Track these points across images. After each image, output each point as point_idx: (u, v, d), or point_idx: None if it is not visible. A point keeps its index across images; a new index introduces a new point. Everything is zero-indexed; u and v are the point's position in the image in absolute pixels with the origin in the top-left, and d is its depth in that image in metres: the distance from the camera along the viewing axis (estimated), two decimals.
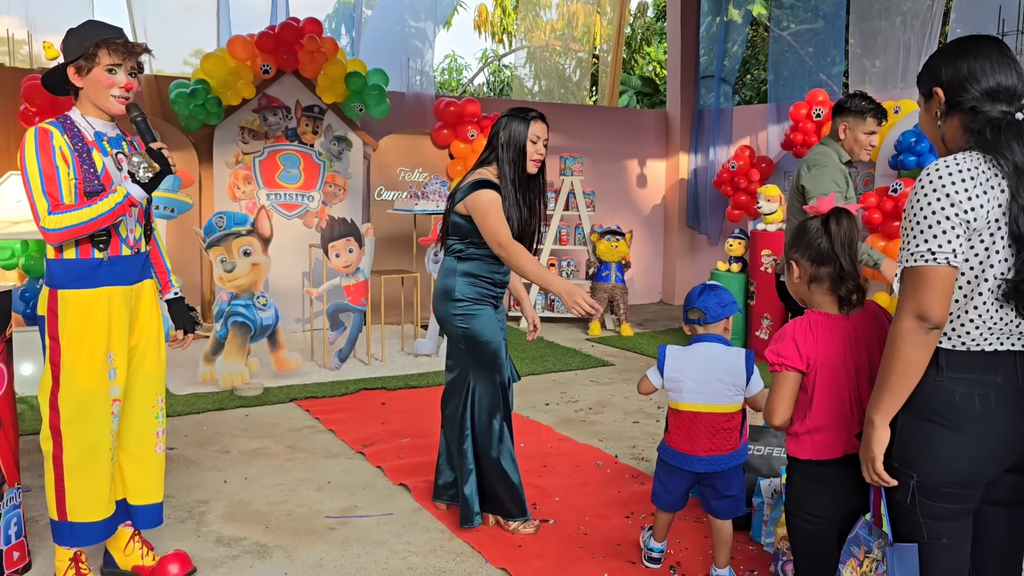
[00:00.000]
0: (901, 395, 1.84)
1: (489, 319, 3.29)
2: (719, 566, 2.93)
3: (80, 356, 2.60)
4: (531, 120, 3.27)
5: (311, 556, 3.15)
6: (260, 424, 4.83)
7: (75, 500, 2.68)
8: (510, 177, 3.25)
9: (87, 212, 2.51)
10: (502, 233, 3.15)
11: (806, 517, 2.22)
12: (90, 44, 2.54)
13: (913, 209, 1.81)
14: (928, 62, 1.97)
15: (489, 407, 3.33)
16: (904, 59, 7.65)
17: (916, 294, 1.78)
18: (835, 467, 2.15)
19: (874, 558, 2.12)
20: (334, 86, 7.13)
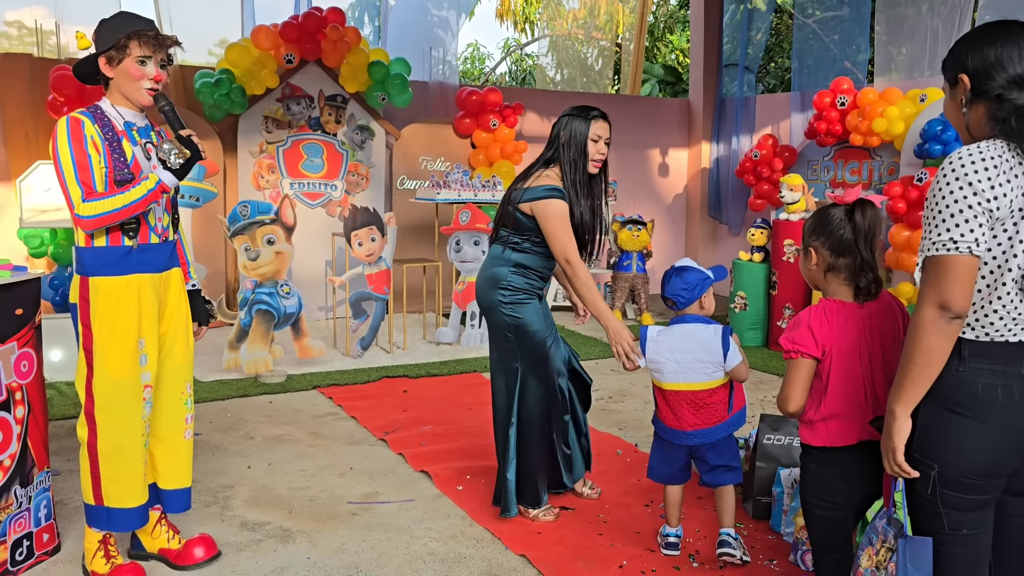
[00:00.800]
0: (923, 386, 1.83)
1: (536, 310, 3.31)
2: (724, 526, 3.03)
3: (112, 343, 2.65)
4: (592, 119, 3.25)
5: (333, 541, 3.20)
6: (283, 411, 4.90)
7: (110, 485, 2.74)
8: (571, 177, 3.25)
9: (120, 199, 2.55)
10: (570, 250, 3.20)
11: (821, 504, 2.25)
12: (122, 35, 2.58)
13: (935, 198, 1.79)
14: (954, 47, 1.93)
15: (538, 396, 3.33)
16: (931, 46, 7.54)
17: (938, 284, 1.77)
18: (849, 453, 2.17)
19: (889, 547, 2.12)
20: (357, 75, 7.16)
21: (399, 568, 2.99)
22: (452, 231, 6.53)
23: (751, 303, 6.86)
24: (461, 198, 6.55)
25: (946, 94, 1.99)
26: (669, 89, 14.51)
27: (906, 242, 6.39)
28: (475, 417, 4.80)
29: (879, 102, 7.05)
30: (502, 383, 3.38)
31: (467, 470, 3.91)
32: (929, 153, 6.40)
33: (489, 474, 3.85)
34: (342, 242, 6.50)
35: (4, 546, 2.81)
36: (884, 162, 7.45)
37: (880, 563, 2.17)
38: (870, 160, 7.58)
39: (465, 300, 6.62)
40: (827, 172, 8.00)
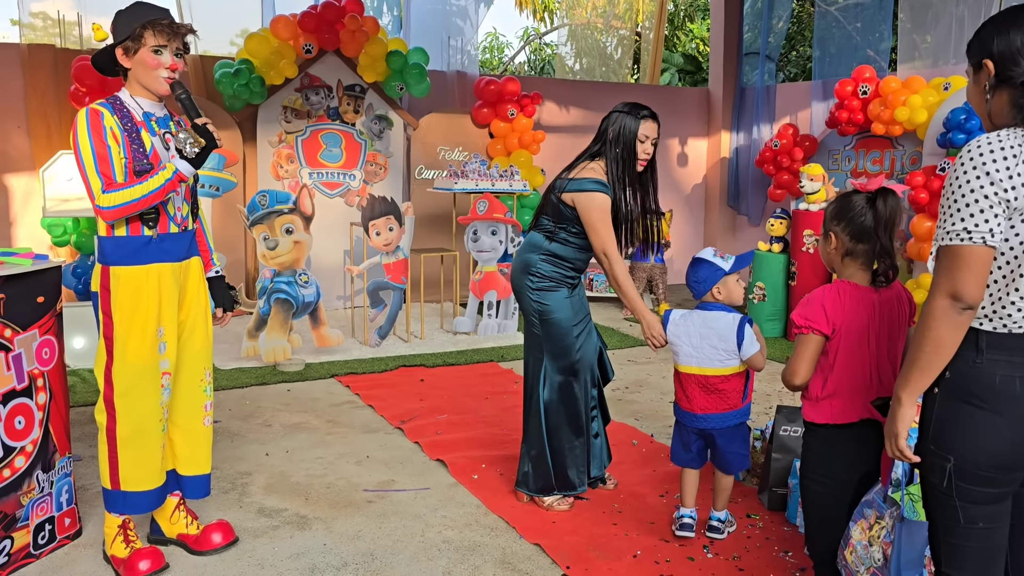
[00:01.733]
0: (930, 374, 1.82)
1: (563, 299, 3.32)
2: (716, 509, 3.13)
3: (132, 331, 2.69)
4: (642, 118, 3.25)
5: (349, 528, 3.22)
6: (301, 399, 4.93)
7: (128, 470, 2.78)
8: (617, 174, 3.26)
9: (140, 189, 2.58)
10: (609, 244, 3.23)
11: (821, 481, 2.30)
12: (137, 25, 2.59)
13: (952, 186, 1.76)
14: (980, 31, 1.89)
15: (556, 386, 3.35)
16: (956, 34, 7.42)
17: (951, 273, 1.74)
18: (850, 431, 2.21)
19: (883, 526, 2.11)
20: (375, 65, 7.17)
21: (414, 556, 3.01)
22: (469, 221, 6.53)
23: (770, 294, 6.82)
24: (479, 188, 6.55)
25: (969, 79, 1.95)
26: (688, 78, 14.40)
27: (928, 232, 6.31)
28: (491, 406, 4.81)
29: (902, 90, 6.95)
30: (529, 367, 3.44)
31: (483, 459, 3.92)
32: (952, 143, 6.31)
33: (504, 463, 3.87)
34: (360, 231, 6.52)
35: (27, 530, 2.86)
36: (906, 151, 7.36)
37: (873, 538, 2.16)
38: (892, 149, 7.49)
39: (482, 290, 6.63)
40: (848, 162, 7.91)
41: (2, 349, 2.73)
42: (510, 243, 6.64)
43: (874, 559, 2.33)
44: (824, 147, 8.17)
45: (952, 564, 1.92)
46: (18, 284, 2.78)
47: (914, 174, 6.43)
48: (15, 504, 2.81)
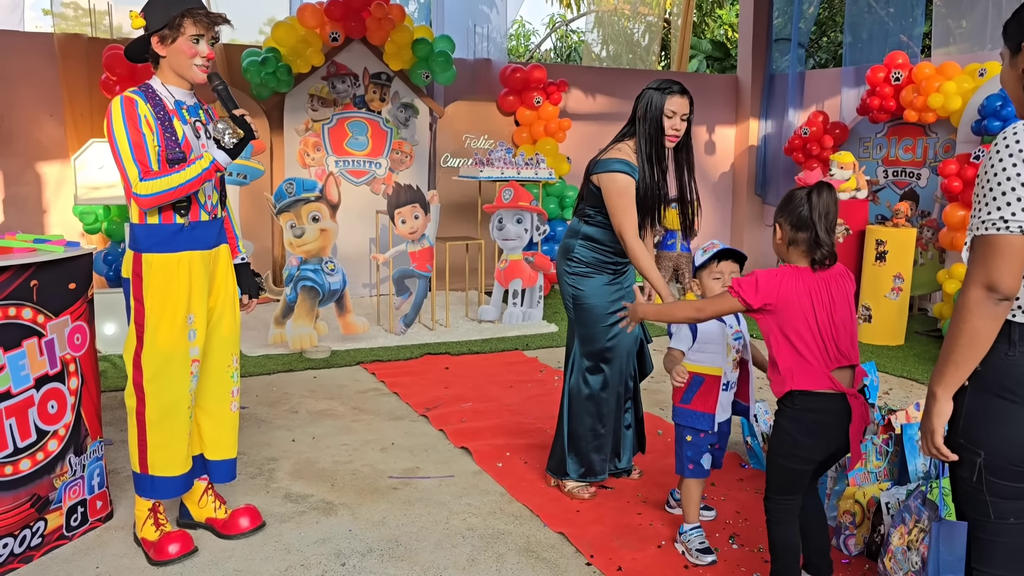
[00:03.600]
0: (966, 368, 1.78)
1: (600, 285, 3.30)
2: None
3: (163, 317, 2.72)
4: (669, 93, 3.18)
5: (374, 514, 3.25)
6: (327, 386, 4.97)
7: (156, 454, 2.82)
8: (646, 152, 3.21)
9: (176, 178, 2.60)
10: (626, 225, 3.19)
11: (789, 456, 2.41)
12: (175, 14, 2.60)
13: (987, 175, 1.72)
14: (1019, 12, 1.82)
15: (584, 371, 3.35)
16: (993, 18, 7.25)
17: (986, 263, 1.70)
18: (817, 404, 2.33)
19: (922, 528, 2.08)
20: (401, 53, 7.17)
21: (438, 542, 3.02)
22: (495, 209, 6.52)
23: None
24: (504, 176, 6.53)
25: (1005, 62, 1.89)
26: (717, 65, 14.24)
27: (961, 221, 6.20)
28: (516, 395, 4.82)
29: (936, 77, 6.82)
30: (567, 349, 3.46)
31: (507, 447, 3.93)
32: (987, 130, 6.18)
33: (529, 452, 3.87)
34: (386, 220, 6.54)
35: (60, 512, 2.92)
36: (940, 139, 7.23)
37: (912, 543, 2.13)
38: (925, 137, 7.36)
39: (508, 278, 6.62)
40: (880, 149, 7.79)
41: (35, 335, 2.77)
42: (535, 231, 6.63)
43: (912, 563, 2.29)
44: (855, 134, 8.05)
45: (982, 560, 1.88)
46: (50, 271, 2.82)
47: (947, 162, 6.32)
48: (48, 487, 2.86)
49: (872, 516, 2.94)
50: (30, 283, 2.75)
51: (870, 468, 3.15)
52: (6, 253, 2.76)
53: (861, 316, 6.33)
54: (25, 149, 6.63)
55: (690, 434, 2.93)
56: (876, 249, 6.19)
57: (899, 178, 7.61)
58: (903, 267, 6.13)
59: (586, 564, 2.89)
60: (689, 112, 3.22)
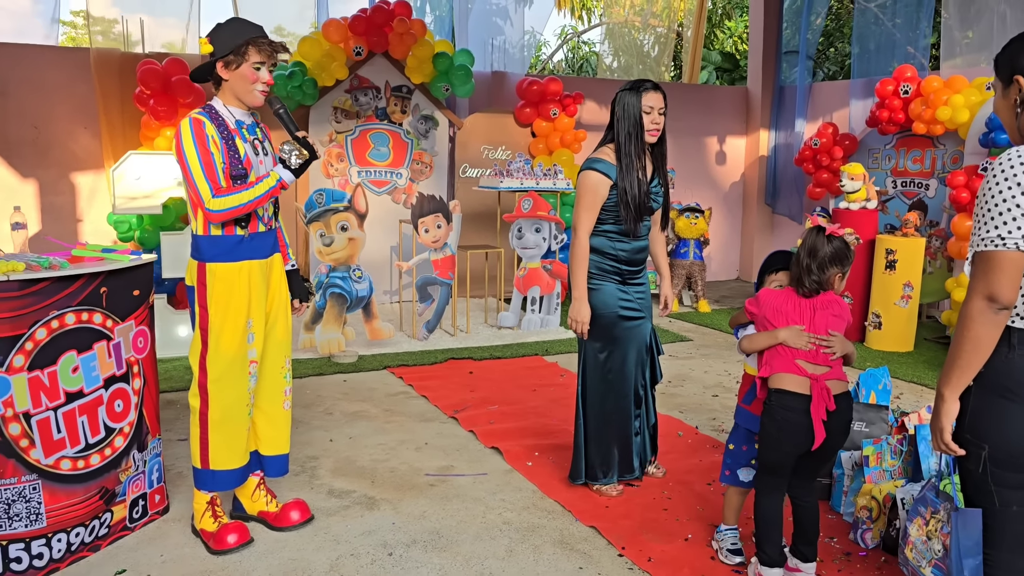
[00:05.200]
0: (971, 371, 1.96)
1: (608, 293, 3.44)
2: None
3: (225, 323, 2.91)
4: (643, 91, 3.37)
5: (415, 509, 3.43)
6: (358, 389, 5.16)
7: (217, 451, 3.01)
8: (626, 149, 3.38)
9: (246, 195, 2.80)
10: (579, 221, 3.40)
11: (769, 447, 2.77)
12: (241, 42, 2.80)
13: (985, 196, 1.91)
14: (1009, 47, 2.01)
15: (596, 376, 3.51)
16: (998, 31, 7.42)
17: (986, 277, 1.89)
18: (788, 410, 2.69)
19: (940, 519, 2.26)
20: (422, 67, 7.38)
21: (477, 535, 3.21)
22: (514, 218, 6.72)
23: None
24: (523, 186, 6.73)
25: (998, 93, 2.08)
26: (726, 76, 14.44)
27: (969, 232, 6.37)
28: (540, 398, 5.00)
29: (944, 90, 7.01)
30: (579, 355, 3.59)
31: (535, 447, 4.11)
32: (995, 142, 6.36)
33: (556, 452, 4.05)
34: (408, 228, 6.74)
35: (124, 504, 3.11)
36: (947, 151, 7.41)
37: (931, 533, 2.31)
38: (933, 148, 7.54)
39: (526, 285, 6.81)
40: (888, 160, 7.97)
41: (104, 338, 2.97)
42: (553, 240, 6.82)
43: (934, 551, 2.47)
44: (864, 146, 8.23)
45: (991, 544, 2.06)
46: (118, 278, 3.01)
47: (955, 173, 6.50)
48: (115, 480, 3.05)
49: (888, 511, 3.12)
50: (100, 290, 2.94)
51: (885, 467, 3.32)
52: (78, 262, 2.96)
53: (871, 323, 6.51)
54: (60, 160, 6.84)
55: (735, 441, 3.09)
56: (886, 258, 6.37)
57: (907, 188, 7.79)
58: (912, 276, 6.31)
59: (618, 555, 3.07)
60: (664, 106, 3.40)
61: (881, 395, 3.75)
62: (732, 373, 5.72)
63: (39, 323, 2.74)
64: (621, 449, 3.59)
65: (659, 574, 2.92)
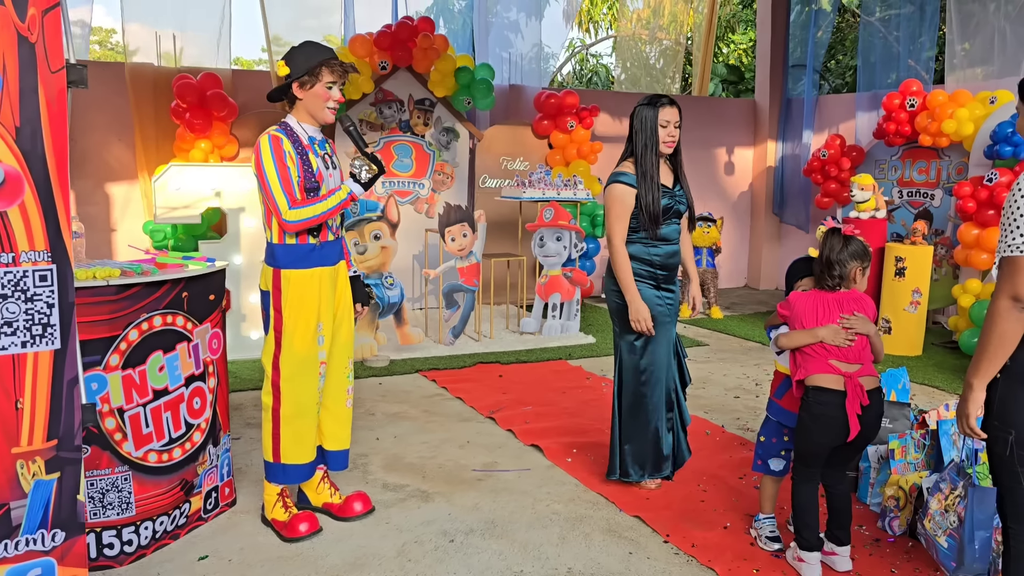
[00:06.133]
0: (997, 363, 2.20)
1: (646, 296, 3.61)
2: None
3: (298, 325, 3.13)
4: (660, 106, 3.59)
5: (467, 501, 3.64)
6: (395, 391, 5.37)
7: (288, 445, 3.22)
8: (646, 161, 3.60)
9: (320, 207, 3.02)
10: (613, 232, 3.61)
11: (805, 438, 3.00)
12: (314, 64, 3.03)
13: (1011, 207, 2.15)
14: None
15: (629, 376, 3.71)
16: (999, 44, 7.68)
17: (1012, 279, 2.13)
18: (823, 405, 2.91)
19: (958, 494, 2.49)
20: (445, 80, 7.62)
21: (530, 523, 3.42)
22: (537, 227, 6.95)
23: None
24: (545, 196, 6.96)
25: (1022, 113, 2.32)
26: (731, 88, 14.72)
27: (975, 240, 6.62)
28: (571, 399, 5.22)
29: (948, 104, 7.27)
30: (615, 355, 3.80)
31: (573, 445, 4.33)
32: (999, 154, 6.62)
33: (594, 449, 4.27)
34: (433, 237, 6.96)
35: (200, 496, 3.32)
36: (952, 162, 7.66)
37: (948, 506, 2.56)
38: (938, 160, 7.80)
39: (548, 292, 7.04)
40: (895, 171, 8.23)
41: (185, 340, 3.18)
42: (574, 248, 7.05)
43: (950, 522, 2.72)
44: (871, 157, 8.49)
45: (1017, 519, 2.29)
46: (197, 284, 3.23)
47: (961, 184, 6.75)
48: (193, 473, 3.26)
49: (914, 500, 3.34)
50: (182, 294, 3.16)
51: (909, 459, 3.55)
52: (163, 268, 3.18)
53: (881, 328, 6.74)
54: (96, 171, 7.06)
55: (766, 433, 3.31)
56: (895, 265, 6.61)
57: (913, 198, 8.05)
58: (921, 282, 6.55)
59: (663, 542, 3.29)
60: (679, 120, 3.63)
61: (901, 394, 3.97)
62: (751, 376, 5.95)
63: (132, 325, 2.96)
64: (654, 445, 3.77)
65: (704, 558, 3.14)
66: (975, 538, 2.41)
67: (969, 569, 2.42)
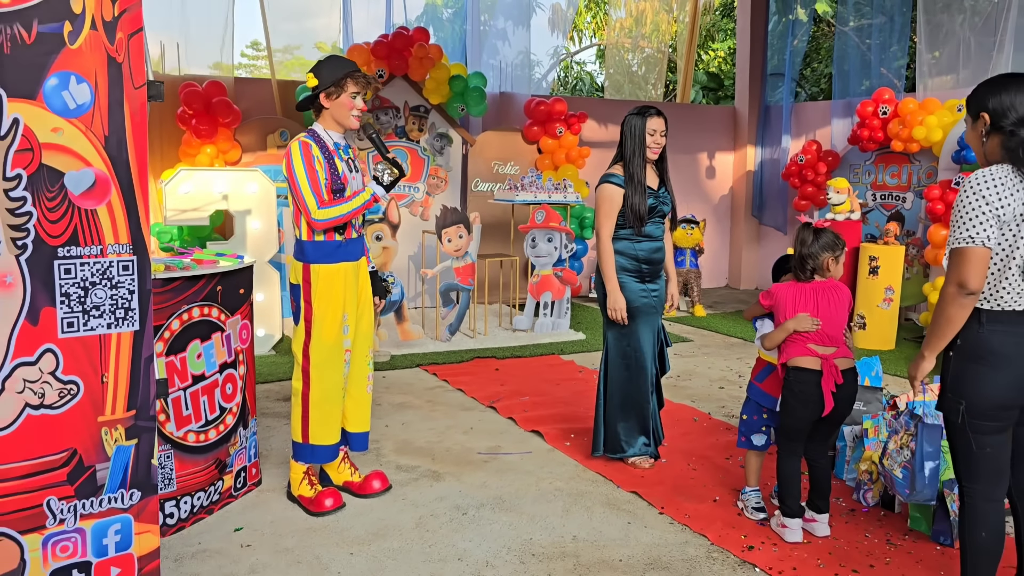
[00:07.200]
0: (945, 339, 2.55)
1: (630, 288, 3.97)
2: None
3: (326, 316, 3.41)
4: (648, 116, 3.96)
5: (475, 480, 3.93)
6: (398, 383, 5.65)
7: (316, 427, 3.50)
8: (634, 164, 3.95)
9: (345, 207, 3.31)
10: (601, 227, 3.98)
11: (788, 414, 3.33)
12: (340, 76, 3.32)
13: (959, 206, 2.49)
14: (979, 90, 2.60)
15: (615, 362, 4.05)
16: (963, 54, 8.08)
17: (958, 268, 2.47)
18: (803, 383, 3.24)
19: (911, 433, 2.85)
20: (439, 88, 7.91)
21: (535, 499, 3.72)
22: (529, 229, 7.25)
23: None
24: (537, 199, 7.27)
25: (969, 126, 2.67)
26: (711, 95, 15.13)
27: (943, 240, 7.01)
28: (565, 390, 5.52)
29: (919, 111, 7.67)
30: (604, 342, 4.14)
31: (571, 430, 4.63)
32: (966, 159, 7.02)
33: (589, 434, 4.57)
34: (430, 239, 7.24)
35: (231, 475, 3.58)
36: (923, 166, 8.07)
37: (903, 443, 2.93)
38: (909, 164, 8.20)
39: (539, 291, 7.34)
40: (868, 175, 8.63)
41: (219, 330, 3.45)
42: (564, 249, 7.36)
43: (904, 457, 3.11)
44: (846, 162, 8.89)
45: (970, 479, 2.62)
46: (229, 279, 3.50)
47: (931, 188, 7.14)
48: (225, 453, 3.53)
49: None
50: (216, 288, 3.43)
51: (882, 438, 3.88)
52: (200, 264, 3.45)
53: (856, 324, 7.11)
54: None
55: (748, 412, 3.63)
56: (869, 264, 6.98)
57: (887, 201, 8.45)
58: (893, 281, 6.93)
59: (659, 513, 3.60)
60: (665, 129, 4.00)
61: (874, 380, 4.31)
62: (733, 368, 6.28)
63: (174, 315, 3.23)
64: (641, 423, 4.10)
65: (696, 527, 3.45)
66: (924, 467, 2.78)
67: (920, 494, 2.80)
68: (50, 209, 2.08)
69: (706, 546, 3.31)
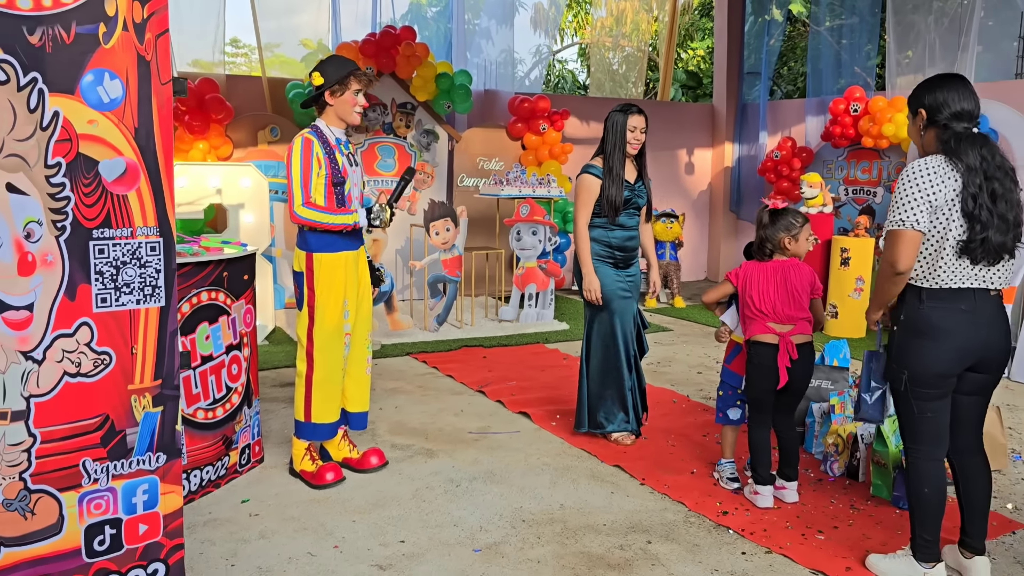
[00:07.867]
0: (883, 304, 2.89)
1: (605, 275, 4.22)
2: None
3: (328, 302, 3.62)
4: (629, 113, 4.21)
5: (467, 456, 4.16)
6: (390, 371, 5.86)
7: (318, 406, 3.71)
8: (613, 158, 4.20)
9: (326, 218, 3.53)
10: (578, 215, 4.23)
11: (752, 387, 3.61)
12: (345, 74, 3.53)
13: (897, 193, 2.75)
14: (916, 89, 2.89)
15: (596, 342, 4.29)
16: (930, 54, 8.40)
17: (891, 248, 2.74)
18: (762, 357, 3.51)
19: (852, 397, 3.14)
20: (426, 86, 8.12)
21: (524, 473, 3.95)
22: (514, 222, 7.48)
23: None
24: (522, 194, 7.50)
25: (910, 121, 2.94)
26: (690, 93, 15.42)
27: None
28: (550, 376, 5.76)
29: (888, 109, 7.98)
30: (585, 324, 4.39)
31: (556, 412, 4.87)
32: None
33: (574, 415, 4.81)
34: (417, 232, 7.45)
35: (236, 451, 3.79)
36: (892, 162, 8.38)
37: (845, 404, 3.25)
38: (879, 160, 8.52)
39: (524, 283, 7.57)
40: (841, 171, 8.94)
41: (225, 313, 3.65)
42: (548, 242, 7.60)
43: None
44: (819, 158, 9.19)
45: (914, 439, 2.89)
46: (234, 265, 3.70)
47: None
48: (231, 431, 3.73)
49: (850, 446, 3.94)
50: (223, 274, 3.63)
51: (847, 414, 4.15)
52: (208, 251, 3.65)
53: (829, 313, 7.40)
54: None
55: (722, 389, 3.88)
56: (841, 256, 7.27)
57: (858, 195, 8.76)
58: (864, 271, 7.22)
59: (640, 484, 3.84)
60: (645, 126, 4.25)
61: (842, 361, 4.58)
62: (711, 355, 6.55)
63: (185, 299, 3.43)
64: (620, 401, 4.33)
65: (675, 495, 3.70)
66: (870, 389, 3.03)
67: (865, 414, 3.07)
68: (86, 194, 2.28)
69: (684, 512, 3.56)
